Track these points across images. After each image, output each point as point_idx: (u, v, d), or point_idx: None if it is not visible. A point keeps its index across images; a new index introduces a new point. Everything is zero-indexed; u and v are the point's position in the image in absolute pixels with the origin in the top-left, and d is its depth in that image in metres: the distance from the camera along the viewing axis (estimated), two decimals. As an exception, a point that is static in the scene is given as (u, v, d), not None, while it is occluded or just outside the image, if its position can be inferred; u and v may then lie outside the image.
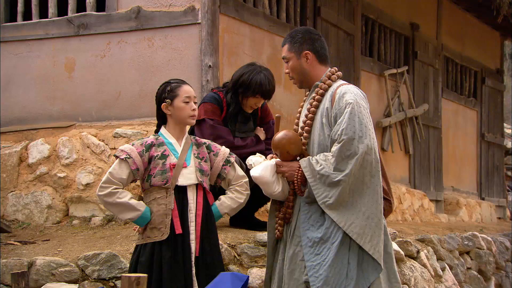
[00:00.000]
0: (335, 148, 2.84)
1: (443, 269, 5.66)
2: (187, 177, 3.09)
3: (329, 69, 3.07)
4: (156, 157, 3.05)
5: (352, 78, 7.02)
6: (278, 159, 3.02)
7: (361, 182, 2.82)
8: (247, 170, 4.05)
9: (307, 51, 3.05)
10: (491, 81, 10.32)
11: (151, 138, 3.12)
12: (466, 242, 6.40)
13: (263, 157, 3.08)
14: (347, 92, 2.92)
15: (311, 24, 6.52)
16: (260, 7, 5.87)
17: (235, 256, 4.10)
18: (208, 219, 3.14)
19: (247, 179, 3.32)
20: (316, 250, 2.87)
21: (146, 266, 2.99)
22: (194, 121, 3.19)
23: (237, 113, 4.35)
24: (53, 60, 5.80)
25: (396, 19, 8.10)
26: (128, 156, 3.02)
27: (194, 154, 3.16)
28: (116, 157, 3.06)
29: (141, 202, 3.10)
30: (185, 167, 3.08)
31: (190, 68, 5.25)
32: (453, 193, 9.19)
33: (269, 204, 5.25)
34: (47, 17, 5.92)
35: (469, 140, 9.81)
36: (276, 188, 2.99)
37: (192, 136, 3.25)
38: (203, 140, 3.26)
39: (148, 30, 5.43)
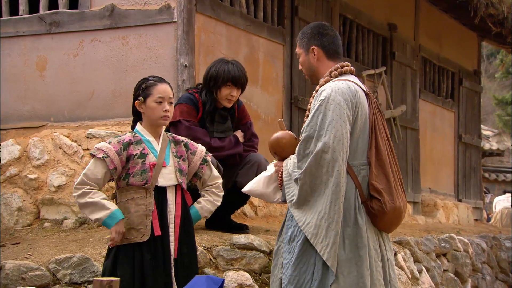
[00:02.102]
0: (297, 148, 2.91)
1: (420, 271, 5.72)
2: (167, 177, 3.07)
3: (337, 64, 3.04)
4: (135, 156, 3.02)
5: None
6: (275, 161, 3.10)
7: (320, 182, 2.82)
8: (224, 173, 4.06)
9: (314, 46, 3.05)
10: (469, 82, 10.45)
11: (128, 136, 3.07)
12: (443, 244, 6.47)
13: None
14: (325, 89, 2.91)
15: (288, 24, 6.54)
16: (237, 6, 5.87)
17: (210, 259, 4.10)
18: (186, 220, 3.13)
19: (221, 180, 3.33)
20: (289, 248, 2.92)
21: (127, 269, 2.96)
22: (166, 122, 3.14)
23: (214, 112, 4.35)
24: (24, 58, 5.74)
25: (374, 19, 8.16)
26: (106, 155, 2.98)
27: (173, 152, 3.14)
28: (92, 155, 3.01)
29: (112, 203, 3.06)
30: (165, 166, 3.07)
31: (166, 67, 5.23)
32: (431, 194, 9.28)
33: (246, 206, 5.29)
34: (17, 15, 5.85)
35: (447, 142, 9.93)
36: (275, 197, 3.06)
37: (169, 133, 3.23)
38: (181, 138, 3.25)
39: (123, 29, 5.40)
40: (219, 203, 3.30)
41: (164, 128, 3.20)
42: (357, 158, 2.92)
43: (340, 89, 2.89)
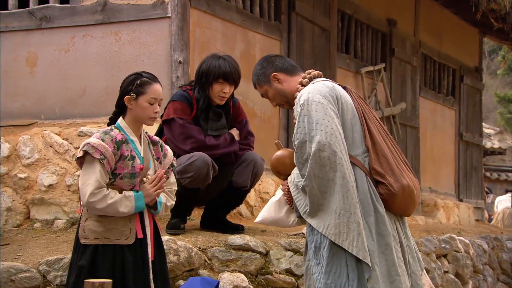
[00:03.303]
0: (295, 155, 2.92)
1: (420, 273, 5.73)
2: None
3: (301, 75, 3.12)
4: (127, 158, 2.99)
5: (328, 75, 7.06)
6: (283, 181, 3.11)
7: (327, 181, 2.83)
8: (181, 185, 4.05)
9: (273, 73, 3.12)
10: (470, 79, 10.47)
11: (117, 133, 3.02)
12: (443, 245, 6.48)
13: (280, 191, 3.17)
14: (302, 94, 2.96)
15: (285, 19, 6.54)
16: (232, 1, 5.87)
17: (205, 260, 4.10)
18: (156, 222, 3.15)
19: (176, 188, 3.30)
20: (317, 260, 2.91)
21: (108, 270, 2.95)
22: (153, 123, 3.15)
23: (207, 109, 4.33)
24: (14, 54, 5.72)
25: (373, 14, 8.17)
26: (103, 157, 2.93)
27: (152, 155, 3.13)
28: (86, 152, 2.94)
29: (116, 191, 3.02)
30: (149, 169, 3.07)
31: (160, 63, 5.23)
32: (431, 194, 9.30)
33: (241, 206, 5.29)
34: (7, 9, 5.83)
35: (447, 140, 9.95)
36: (289, 221, 3.08)
37: (145, 132, 3.19)
38: (156, 138, 3.24)
39: (115, 24, 5.40)
40: (171, 207, 3.28)
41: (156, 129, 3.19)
42: (357, 147, 2.96)
43: (316, 89, 2.95)
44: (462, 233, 7.68)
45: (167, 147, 3.28)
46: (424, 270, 5.85)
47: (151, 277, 3.04)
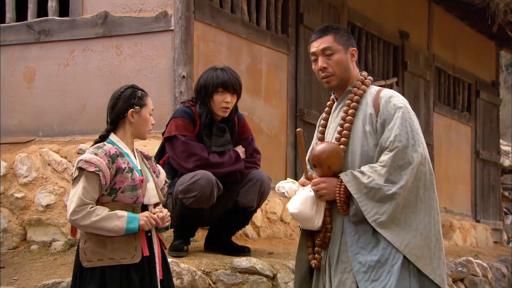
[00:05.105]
0: (386, 157, 2.76)
1: (435, 298, 5.69)
2: (151, 194, 3.08)
3: (360, 72, 3.01)
4: (125, 170, 2.99)
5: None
6: (315, 176, 2.90)
7: (414, 196, 2.76)
8: (184, 205, 4.03)
9: (354, 48, 2.99)
10: (486, 94, 10.46)
11: (111, 147, 3.02)
12: (460, 269, 6.45)
13: (296, 182, 2.97)
14: (394, 96, 2.88)
15: (293, 32, 6.58)
16: (238, 13, 5.91)
17: (210, 284, 4.08)
18: (161, 239, 3.15)
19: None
20: (373, 275, 2.75)
21: None
22: (149, 136, 3.19)
23: (210, 124, 4.34)
24: (11, 69, 5.76)
25: (385, 27, 8.20)
26: (98, 169, 2.94)
27: (148, 168, 3.15)
28: (81, 169, 2.94)
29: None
30: (148, 182, 3.08)
31: (162, 78, 5.26)
32: (446, 214, 9.26)
33: (247, 227, 5.29)
34: (4, 22, 5.89)
35: (463, 158, 9.92)
36: (316, 222, 2.86)
37: (136, 149, 3.20)
38: (148, 154, 3.25)
39: (116, 37, 5.43)
40: None
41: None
42: None
43: (404, 98, 2.90)
44: (480, 256, 7.64)
45: (158, 165, 3.30)
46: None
47: None
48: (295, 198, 2.87)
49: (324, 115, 3.06)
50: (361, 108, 2.90)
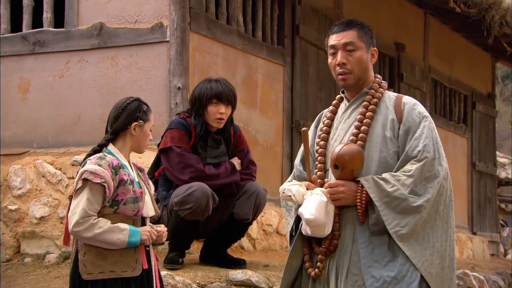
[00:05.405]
0: (414, 166, 2.61)
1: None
2: (149, 207, 3.09)
3: (375, 75, 2.87)
4: (127, 182, 2.99)
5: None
6: (329, 181, 2.70)
7: (434, 212, 2.64)
8: (180, 217, 4.01)
9: (375, 48, 2.84)
10: (482, 106, 10.50)
11: (112, 158, 3.02)
12: (456, 281, 6.43)
13: (303, 185, 2.76)
14: (417, 104, 2.75)
15: (289, 43, 6.59)
16: (234, 24, 5.92)
17: (205, 297, 4.07)
18: (155, 252, 3.16)
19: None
20: None
21: None
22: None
23: (206, 135, 4.35)
24: (6, 80, 5.76)
25: (381, 38, 8.22)
26: (104, 181, 2.93)
27: (143, 180, 3.16)
28: (85, 180, 2.92)
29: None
30: (145, 194, 3.09)
31: (158, 89, 5.26)
32: (443, 227, 9.26)
33: (243, 239, 5.28)
34: (-1, 33, 5.89)
35: (459, 170, 9.94)
36: (327, 229, 2.67)
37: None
38: (141, 166, 3.26)
39: (112, 48, 5.44)
40: None
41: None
42: None
43: None
44: (476, 269, 7.63)
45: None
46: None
47: None
48: (309, 203, 2.67)
49: (328, 114, 2.90)
50: (379, 112, 2.74)
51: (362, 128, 2.72)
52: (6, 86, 5.75)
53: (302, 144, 2.85)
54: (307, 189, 2.73)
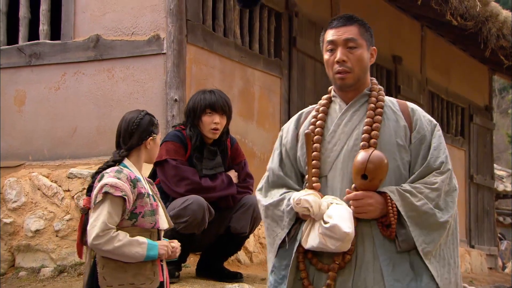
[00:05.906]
0: (438, 179, 2.44)
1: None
2: (163, 219, 3.12)
3: (371, 78, 2.68)
4: (144, 195, 3.02)
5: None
6: (355, 192, 2.43)
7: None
8: (176, 230, 4.01)
9: (375, 48, 2.68)
10: (480, 118, 10.53)
11: (129, 172, 3.04)
12: (455, 294, 6.41)
13: (317, 194, 2.46)
14: (423, 111, 2.61)
15: (286, 56, 6.61)
16: (231, 37, 5.94)
17: (202, 311, 4.06)
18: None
19: None
20: None
21: None
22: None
23: (201, 147, 4.35)
24: (2, 92, 5.76)
25: (378, 51, 8.25)
26: (125, 194, 2.95)
27: (155, 193, 3.17)
28: (106, 193, 2.93)
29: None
30: (159, 207, 3.11)
31: (154, 102, 5.26)
32: (441, 240, 9.26)
33: (240, 253, 5.26)
34: (-5, 45, 5.90)
35: (457, 182, 9.94)
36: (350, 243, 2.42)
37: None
38: (150, 179, 3.27)
39: (108, 61, 5.45)
40: None
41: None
42: None
43: None
44: (475, 282, 7.62)
45: None
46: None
47: None
48: (341, 215, 2.38)
49: (320, 115, 2.64)
50: (387, 117, 2.55)
51: (373, 133, 2.49)
52: (2, 98, 5.75)
53: (277, 145, 2.66)
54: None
